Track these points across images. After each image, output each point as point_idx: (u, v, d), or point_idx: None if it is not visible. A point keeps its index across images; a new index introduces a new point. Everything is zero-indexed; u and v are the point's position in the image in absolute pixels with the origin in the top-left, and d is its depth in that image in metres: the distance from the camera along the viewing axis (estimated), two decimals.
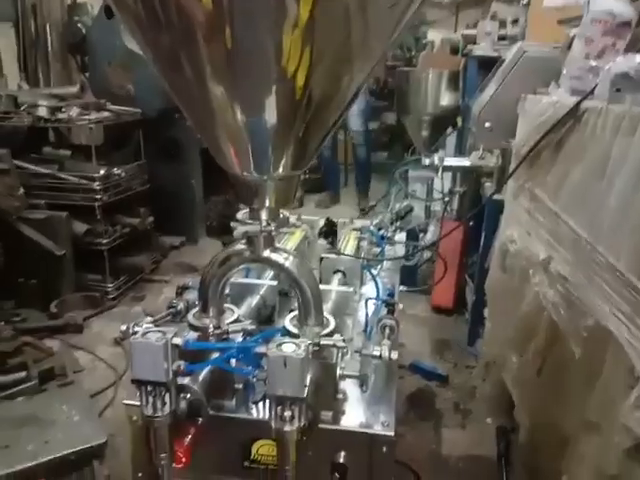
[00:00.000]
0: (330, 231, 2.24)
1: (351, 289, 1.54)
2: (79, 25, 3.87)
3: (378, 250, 2.14)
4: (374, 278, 1.71)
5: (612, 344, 1.06)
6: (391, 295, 1.65)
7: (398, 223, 2.92)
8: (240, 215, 1.36)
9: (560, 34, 2.58)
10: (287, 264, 1.17)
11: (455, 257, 3.06)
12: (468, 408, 2.19)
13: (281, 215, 1.19)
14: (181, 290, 1.48)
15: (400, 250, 2.54)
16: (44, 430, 1.64)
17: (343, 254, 1.81)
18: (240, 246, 1.18)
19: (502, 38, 3.48)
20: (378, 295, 1.64)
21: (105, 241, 3.14)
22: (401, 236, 2.81)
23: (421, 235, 3.38)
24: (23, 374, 2.24)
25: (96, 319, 3.04)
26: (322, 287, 1.49)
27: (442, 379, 2.42)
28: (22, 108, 3.10)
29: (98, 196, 3.05)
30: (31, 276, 2.96)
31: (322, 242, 2.20)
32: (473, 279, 2.99)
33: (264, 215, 1.13)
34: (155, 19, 0.88)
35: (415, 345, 2.69)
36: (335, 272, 1.74)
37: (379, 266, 2.04)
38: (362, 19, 0.90)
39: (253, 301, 1.47)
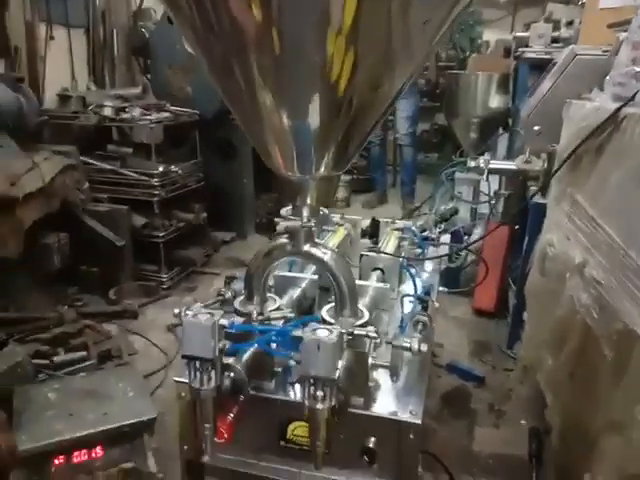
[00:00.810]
0: (374, 231, 2.31)
1: (387, 286, 1.61)
2: (143, 30, 4.10)
3: (419, 251, 2.19)
4: (412, 276, 1.77)
5: (638, 346, 1.08)
6: (427, 293, 1.70)
7: (443, 225, 2.96)
8: (283, 212, 1.45)
9: (614, 37, 2.55)
10: (325, 258, 1.26)
11: (499, 260, 3.06)
12: (503, 409, 2.20)
13: (321, 212, 1.28)
14: (229, 280, 1.59)
15: (443, 251, 2.58)
16: (102, 403, 1.80)
17: (383, 252, 1.88)
18: (282, 240, 1.28)
19: (555, 40, 3.44)
20: (415, 293, 1.70)
21: (161, 234, 3.33)
22: (445, 238, 2.85)
23: (466, 237, 3.39)
24: (84, 353, 2.44)
25: (151, 307, 3.24)
26: (360, 282, 1.58)
27: (479, 380, 2.43)
28: (90, 108, 3.34)
29: (156, 192, 3.24)
30: (93, 264, 3.19)
31: (365, 241, 2.28)
32: (516, 282, 3.00)
33: (305, 212, 1.22)
34: (208, 28, 0.98)
35: (454, 346, 2.72)
36: (374, 270, 1.82)
37: (419, 266, 2.09)
38: (403, 27, 0.97)
39: (295, 293, 1.57)
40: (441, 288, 2.52)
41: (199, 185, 3.75)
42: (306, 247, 1.25)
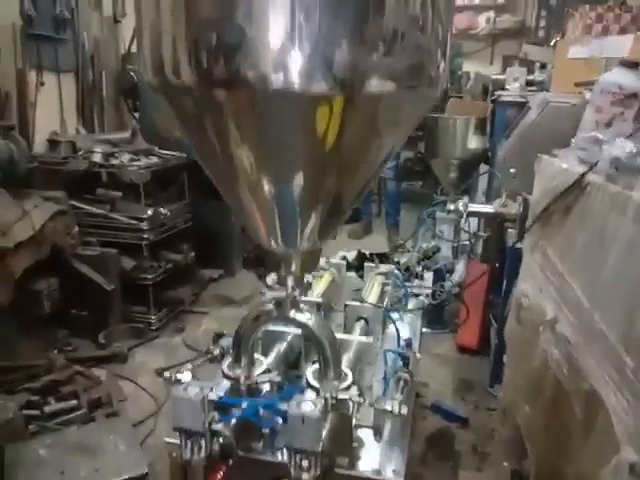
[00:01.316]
0: (360, 265, 2.40)
1: (371, 339, 1.68)
2: (131, 73, 4.20)
3: (402, 292, 2.27)
4: (395, 326, 1.84)
5: (602, 409, 1.16)
6: (409, 345, 1.78)
7: (425, 262, 3.06)
8: (269, 280, 1.52)
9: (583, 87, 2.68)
10: (310, 324, 1.33)
11: (480, 298, 3.14)
12: (486, 451, 2.26)
13: (305, 280, 1.35)
14: (217, 338, 1.66)
15: (427, 288, 2.67)
16: (94, 458, 1.83)
17: (366, 302, 1.95)
18: (269, 306, 1.34)
19: (530, 83, 3.61)
20: (398, 343, 1.77)
21: (150, 276, 3.38)
22: (428, 275, 2.93)
23: (447, 275, 3.49)
24: (75, 402, 2.46)
25: (140, 348, 3.26)
26: (344, 337, 1.65)
27: (462, 421, 2.49)
28: (79, 154, 3.40)
29: (145, 235, 3.29)
30: (82, 308, 3.22)
31: (352, 275, 2.35)
32: (497, 319, 3.07)
33: (290, 282, 1.29)
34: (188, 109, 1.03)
35: (439, 385, 2.78)
36: (358, 319, 1.89)
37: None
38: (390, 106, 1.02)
39: (281, 347, 1.63)
40: (424, 329, 2.61)
41: (187, 225, 3.81)
42: (291, 313, 1.32)
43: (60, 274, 3.09)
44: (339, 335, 1.55)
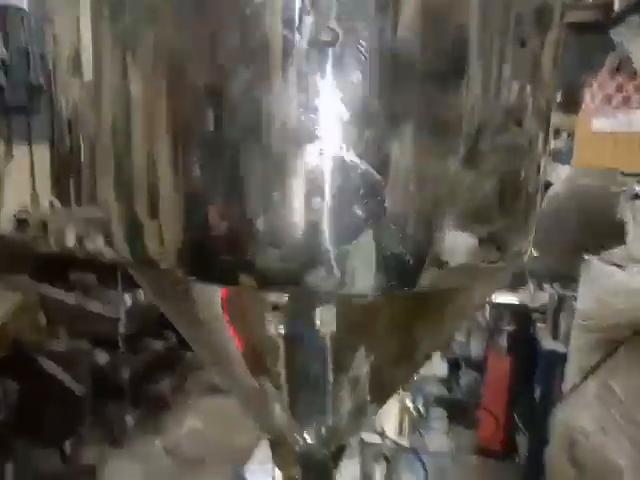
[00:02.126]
0: None
1: None
2: None
3: None
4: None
5: None
6: None
7: None
8: None
9: (608, 159, 2.46)
10: None
11: (502, 394, 2.81)
12: None
13: None
14: None
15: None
16: None
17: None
18: None
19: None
20: None
21: (127, 373, 2.99)
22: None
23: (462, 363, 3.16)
24: None
25: (114, 459, 2.84)
26: None
27: None
28: (51, 235, 3.07)
29: (122, 328, 2.93)
30: (48, 413, 2.79)
31: None
32: (521, 418, 2.74)
33: None
34: None
35: None
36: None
37: None
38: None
39: None
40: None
41: None
42: None
43: (21, 373, 2.69)
44: None
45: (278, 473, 0.95)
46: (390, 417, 1.76)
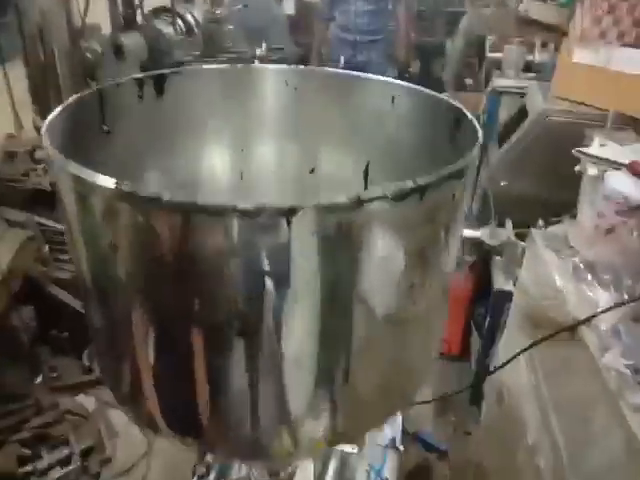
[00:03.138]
0: None
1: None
2: (87, 54, 3.71)
3: None
4: None
5: None
6: None
7: None
8: None
9: (587, 95, 2.42)
10: None
11: (463, 303, 3.11)
12: None
13: None
14: None
15: None
16: None
17: None
18: None
19: (528, 68, 3.30)
20: None
21: None
22: None
23: None
24: (67, 452, 2.48)
25: None
26: None
27: (441, 452, 2.59)
28: (42, 165, 3.10)
29: None
30: (62, 329, 3.14)
31: None
32: (477, 327, 3.05)
33: None
34: None
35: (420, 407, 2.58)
36: None
37: None
38: None
39: None
40: None
41: None
42: None
43: (35, 300, 3.00)
44: None
45: None
46: None
